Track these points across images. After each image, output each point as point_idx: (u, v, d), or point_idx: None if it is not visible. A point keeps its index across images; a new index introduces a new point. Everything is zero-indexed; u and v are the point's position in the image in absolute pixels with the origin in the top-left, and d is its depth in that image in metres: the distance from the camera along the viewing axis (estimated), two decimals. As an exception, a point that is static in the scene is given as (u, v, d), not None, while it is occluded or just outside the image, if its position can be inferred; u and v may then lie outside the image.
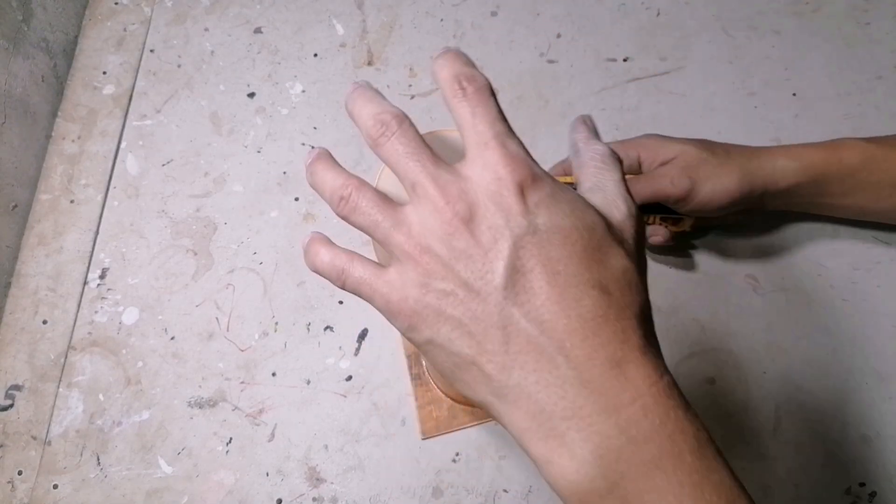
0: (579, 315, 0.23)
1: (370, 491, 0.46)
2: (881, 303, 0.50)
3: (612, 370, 0.22)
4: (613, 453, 0.22)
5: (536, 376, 0.23)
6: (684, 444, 0.22)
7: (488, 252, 0.23)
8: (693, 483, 0.22)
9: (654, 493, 0.22)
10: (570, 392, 0.22)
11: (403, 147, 0.25)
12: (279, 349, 0.50)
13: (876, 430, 0.46)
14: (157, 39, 0.62)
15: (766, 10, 0.61)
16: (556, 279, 0.23)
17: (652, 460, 0.22)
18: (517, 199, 0.23)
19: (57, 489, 0.46)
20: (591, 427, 0.22)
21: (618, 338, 0.23)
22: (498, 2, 0.63)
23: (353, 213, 0.26)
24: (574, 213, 0.24)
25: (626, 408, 0.22)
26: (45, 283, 0.53)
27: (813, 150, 0.47)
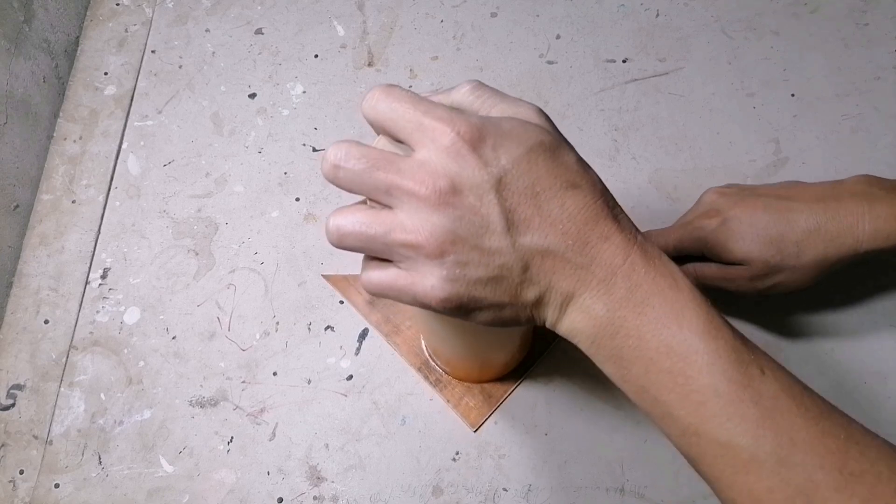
0: (569, 216, 0.28)
1: (370, 490, 0.46)
2: (880, 302, 0.50)
3: (604, 244, 0.28)
4: (617, 302, 0.28)
5: (557, 275, 0.28)
6: (664, 283, 0.28)
7: (480, 209, 0.27)
8: (675, 311, 0.28)
9: (647, 324, 0.28)
10: (583, 274, 0.28)
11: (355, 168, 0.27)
12: (280, 349, 0.50)
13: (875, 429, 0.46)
14: (158, 40, 0.62)
15: (764, 12, 0.61)
16: (539, 199, 0.27)
17: (643, 300, 0.28)
18: (477, 155, 0.26)
19: (58, 488, 0.46)
20: (601, 290, 0.28)
21: (600, 218, 0.28)
22: (498, 3, 0.63)
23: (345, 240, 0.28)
24: (521, 137, 0.27)
25: (620, 267, 0.28)
26: (46, 282, 0.53)
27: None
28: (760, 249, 0.41)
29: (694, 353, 0.27)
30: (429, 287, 0.28)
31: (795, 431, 0.27)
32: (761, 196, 0.42)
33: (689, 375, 0.27)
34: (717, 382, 0.27)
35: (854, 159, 0.55)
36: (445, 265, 0.27)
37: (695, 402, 0.27)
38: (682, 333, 0.27)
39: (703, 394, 0.27)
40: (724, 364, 0.27)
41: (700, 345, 0.27)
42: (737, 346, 0.28)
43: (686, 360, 0.27)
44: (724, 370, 0.27)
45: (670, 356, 0.27)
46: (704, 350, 0.27)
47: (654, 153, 0.56)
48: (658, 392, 0.28)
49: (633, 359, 0.28)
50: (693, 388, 0.27)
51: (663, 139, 0.56)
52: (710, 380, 0.27)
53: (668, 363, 0.28)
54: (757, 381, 0.28)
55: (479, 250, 0.27)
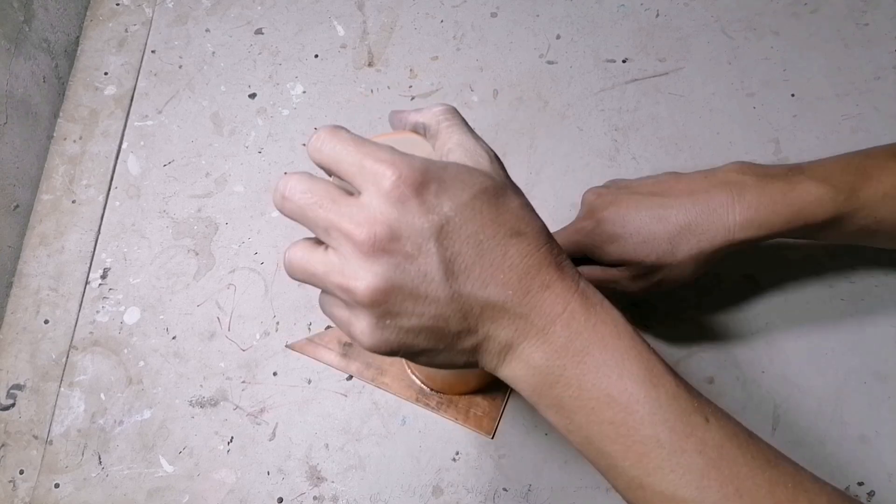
0: (511, 266, 0.27)
1: (371, 490, 0.46)
2: (880, 302, 0.50)
3: (544, 293, 0.27)
4: (556, 352, 0.27)
5: (496, 325, 0.27)
6: (605, 331, 0.28)
7: (418, 258, 0.26)
8: (616, 360, 0.27)
9: (587, 373, 0.27)
10: (521, 324, 0.27)
11: (298, 199, 0.27)
12: (280, 349, 0.50)
13: (875, 429, 0.46)
14: (158, 40, 0.62)
15: (764, 12, 0.61)
16: (481, 249, 0.27)
17: (583, 349, 0.27)
18: (419, 201, 0.26)
19: (58, 488, 0.46)
20: (539, 340, 0.27)
21: (543, 266, 0.27)
22: (498, 3, 0.63)
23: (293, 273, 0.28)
24: (465, 183, 0.27)
25: (560, 316, 0.27)
26: (46, 282, 0.53)
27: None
28: (635, 250, 0.40)
29: (635, 403, 0.27)
30: (358, 332, 0.27)
31: (741, 481, 0.27)
32: (634, 194, 0.42)
33: (631, 426, 0.27)
34: (660, 433, 0.27)
35: (854, 159, 0.55)
36: (376, 314, 0.26)
37: (638, 454, 0.27)
38: (623, 383, 0.27)
39: (645, 444, 0.27)
40: (666, 413, 0.27)
41: (641, 394, 0.27)
42: (679, 395, 0.27)
43: (627, 411, 0.27)
44: (666, 420, 0.27)
45: (611, 406, 0.27)
46: (645, 399, 0.27)
47: (654, 153, 0.56)
48: (601, 443, 0.28)
49: (574, 409, 0.28)
50: (636, 438, 0.27)
51: (663, 139, 0.56)
52: (652, 430, 0.27)
53: (610, 413, 0.27)
54: (700, 429, 0.27)
55: (415, 300, 0.26)
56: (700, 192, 0.40)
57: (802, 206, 0.39)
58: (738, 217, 0.39)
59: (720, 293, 0.50)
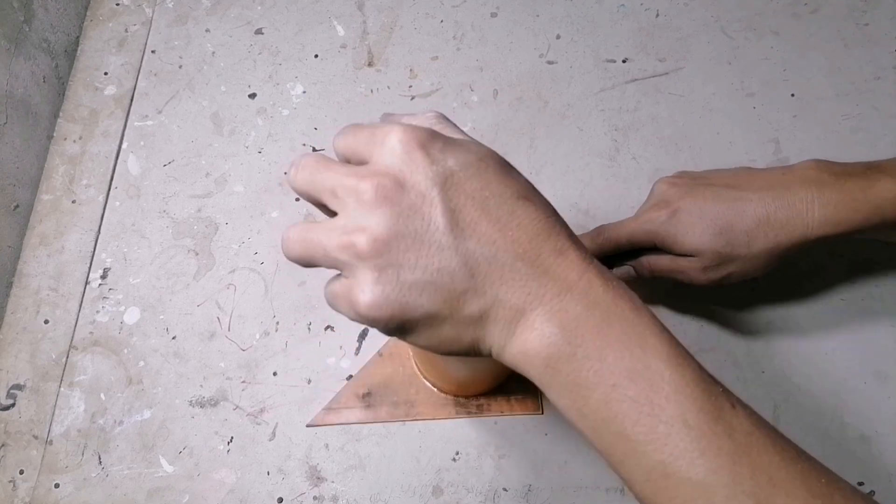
0: (519, 225, 0.26)
1: (370, 490, 0.46)
2: (880, 302, 0.50)
3: (559, 258, 0.26)
4: (573, 321, 0.26)
5: (505, 286, 0.26)
6: (625, 305, 0.26)
7: (422, 206, 0.25)
8: (637, 333, 0.26)
9: (608, 346, 0.25)
10: (534, 286, 0.26)
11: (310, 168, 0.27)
12: (280, 349, 0.50)
13: (875, 429, 0.46)
14: (158, 40, 0.62)
15: (764, 12, 0.61)
16: (487, 204, 0.26)
17: (602, 320, 0.26)
18: (424, 153, 0.26)
19: (58, 488, 0.46)
20: (553, 307, 0.26)
21: (554, 232, 0.26)
22: (497, 3, 0.63)
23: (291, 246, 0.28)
24: (472, 147, 0.27)
25: (576, 283, 0.26)
26: (46, 282, 0.53)
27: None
28: (710, 240, 0.40)
29: (660, 380, 0.25)
30: (358, 292, 0.26)
31: (774, 470, 0.25)
32: (711, 186, 0.42)
33: (657, 404, 0.25)
34: (687, 413, 0.25)
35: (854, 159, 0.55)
36: (378, 267, 0.25)
37: (662, 436, 0.25)
38: (647, 358, 0.25)
39: (671, 425, 0.25)
40: (693, 392, 0.25)
41: (666, 371, 0.25)
42: (704, 377, 0.26)
43: (652, 387, 0.25)
44: (694, 399, 0.25)
45: (635, 382, 0.25)
46: (671, 377, 0.25)
47: (654, 153, 0.56)
48: (622, 425, 0.25)
49: (592, 385, 0.25)
50: (661, 418, 0.25)
51: (663, 139, 0.56)
52: (679, 410, 0.25)
53: (633, 390, 0.25)
54: (728, 413, 0.25)
55: (418, 250, 0.25)
56: (779, 188, 0.40)
57: (881, 204, 0.39)
58: (818, 213, 0.39)
59: (720, 293, 0.50)
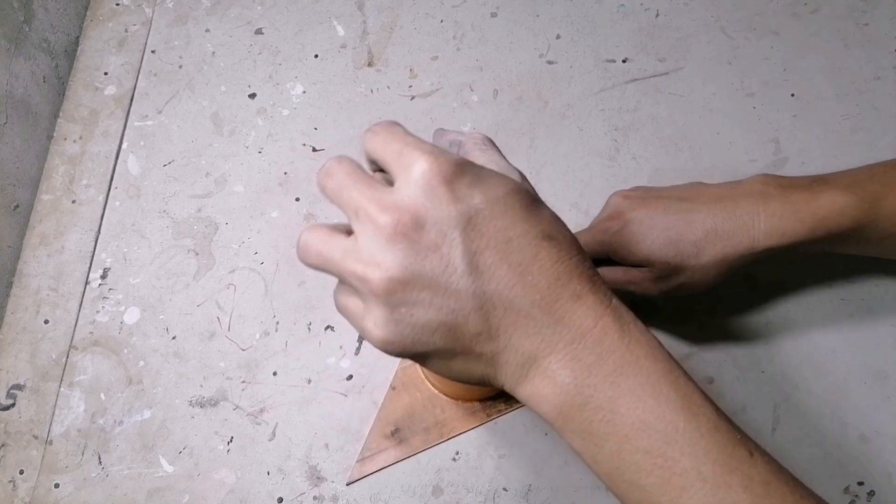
0: (540, 269, 0.25)
1: (370, 490, 0.46)
2: (880, 302, 0.50)
3: (575, 303, 0.25)
4: (585, 370, 0.25)
5: (519, 332, 0.25)
6: (640, 352, 0.26)
7: (441, 247, 0.25)
8: (651, 383, 0.25)
9: (622, 397, 0.25)
10: (548, 333, 0.25)
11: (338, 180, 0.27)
12: (280, 349, 0.50)
13: (875, 429, 0.46)
14: (158, 40, 0.62)
15: (764, 12, 0.61)
16: (509, 247, 0.25)
17: (616, 369, 0.25)
18: (449, 189, 0.25)
19: (58, 488, 0.46)
20: (568, 355, 0.25)
21: (574, 275, 0.26)
22: (497, 3, 0.63)
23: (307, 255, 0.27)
24: (500, 182, 0.26)
25: (591, 331, 0.25)
26: (46, 282, 0.53)
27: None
28: (661, 250, 0.41)
29: (674, 432, 0.25)
30: (371, 325, 0.26)
31: None
32: (662, 198, 0.42)
33: (670, 457, 0.25)
34: (701, 465, 0.24)
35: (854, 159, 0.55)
36: (391, 304, 0.25)
37: (677, 488, 0.25)
38: (660, 409, 0.25)
39: (685, 478, 0.24)
40: (708, 444, 0.25)
41: (680, 422, 0.25)
42: (720, 425, 0.25)
43: (666, 440, 0.25)
44: (708, 451, 0.25)
45: (648, 434, 0.25)
46: (685, 428, 0.25)
47: (654, 153, 0.56)
48: (635, 475, 0.25)
49: (605, 435, 0.25)
50: (675, 471, 0.25)
51: (663, 139, 0.56)
52: (693, 462, 0.24)
53: (646, 442, 0.25)
54: (745, 464, 0.25)
55: (433, 291, 0.25)
56: (727, 200, 0.41)
57: (826, 216, 0.40)
58: (763, 225, 0.40)
59: (720, 293, 0.50)
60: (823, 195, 0.40)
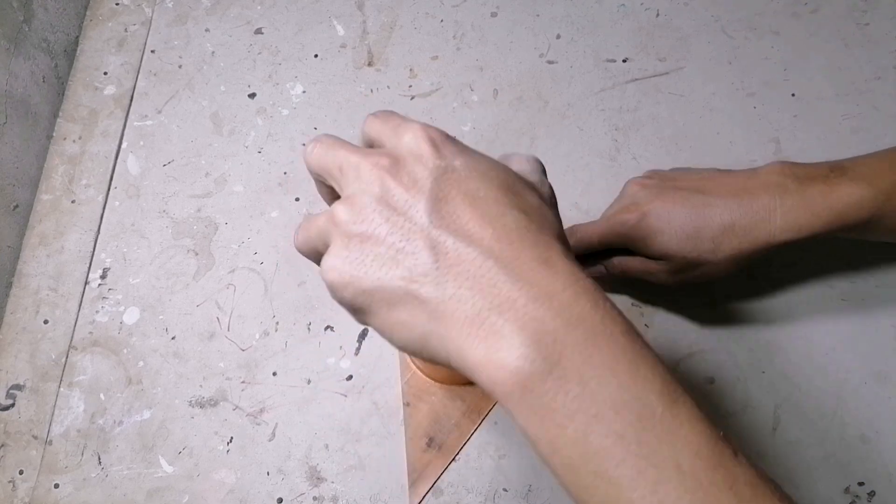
0: (504, 226, 0.24)
1: (370, 490, 0.46)
2: (880, 303, 0.50)
3: (542, 266, 0.23)
4: (550, 335, 0.22)
5: (470, 283, 0.23)
6: (615, 328, 0.23)
7: (410, 189, 0.25)
8: (628, 360, 0.22)
9: (592, 369, 0.22)
10: (504, 287, 0.23)
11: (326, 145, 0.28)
12: (280, 349, 0.50)
13: (875, 429, 0.46)
14: (157, 40, 0.62)
15: (765, 11, 0.61)
16: (476, 202, 0.24)
17: (587, 339, 0.22)
18: (433, 148, 0.25)
19: (58, 488, 0.46)
20: (527, 315, 0.22)
21: (543, 243, 0.24)
22: (498, 3, 0.63)
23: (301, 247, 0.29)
24: (487, 160, 0.26)
25: (559, 294, 0.23)
26: (46, 282, 0.53)
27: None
28: (679, 245, 0.41)
29: (651, 416, 0.22)
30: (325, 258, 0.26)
31: None
32: (680, 190, 0.42)
33: (646, 443, 0.22)
34: (681, 456, 0.22)
35: (854, 159, 0.55)
36: (348, 234, 0.25)
37: (651, 481, 0.21)
38: (637, 388, 0.22)
39: (662, 470, 0.21)
40: (689, 434, 0.22)
41: (658, 407, 0.22)
42: (702, 418, 0.23)
43: (642, 422, 0.22)
44: (690, 441, 0.22)
45: (621, 415, 0.22)
46: (663, 414, 0.22)
47: (654, 153, 0.56)
48: (603, 464, 0.22)
49: (569, 413, 0.22)
50: (651, 461, 0.21)
51: (664, 139, 0.56)
52: (672, 452, 0.22)
53: (619, 424, 0.22)
54: (729, 461, 0.22)
55: (391, 226, 0.24)
56: (744, 194, 0.41)
57: (842, 210, 0.40)
58: (780, 221, 0.40)
59: (720, 293, 0.50)
60: (840, 188, 0.40)
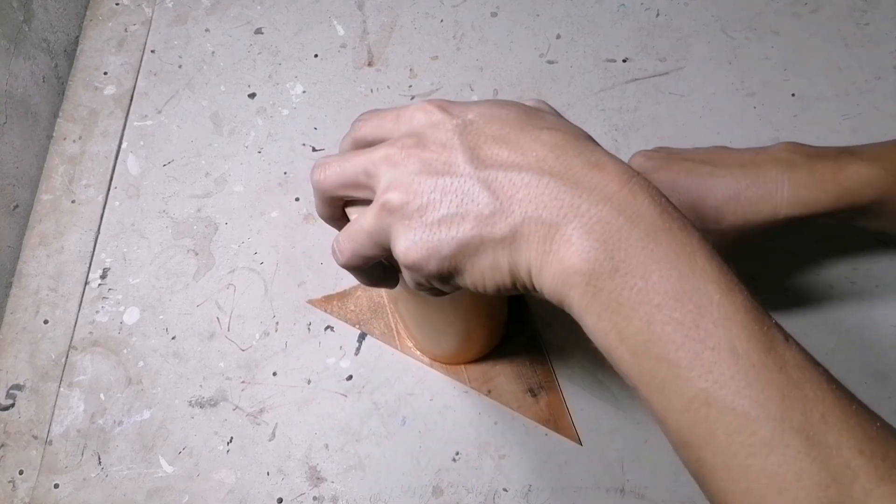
0: (543, 144, 0.25)
1: (370, 490, 0.46)
2: (880, 302, 0.50)
3: (594, 170, 0.25)
4: (614, 234, 0.24)
5: (534, 203, 0.25)
6: (673, 223, 0.24)
7: (442, 153, 0.26)
8: (687, 253, 0.24)
9: (654, 263, 0.24)
10: (566, 197, 0.24)
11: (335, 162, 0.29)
12: (280, 349, 0.50)
13: (875, 429, 0.46)
14: (157, 40, 0.62)
15: (765, 11, 0.61)
16: (507, 138, 0.26)
17: (648, 234, 0.24)
18: (443, 111, 0.27)
19: (58, 488, 0.46)
20: (592, 218, 0.24)
21: (587, 149, 0.26)
22: (498, 3, 0.63)
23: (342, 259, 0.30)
24: (496, 104, 0.28)
25: (617, 193, 0.24)
26: (46, 282, 0.53)
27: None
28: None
29: (708, 304, 0.23)
30: (395, 245, 0.27)
31: (828, 408, 0.23)
32: (686, 161, 0.42)
33: (703, 328, 0.23)
34: (736, 339, 0.23)
35: (854, 159, 0.55)
36: (407, 215, 0.26)
37: (708, 362, 0.23)
38: (695, 279, 0.23)
39: (718, 352, 0.23)
40: (744, 319, 0.23)
41: (716, 295, 0.23)
42: (756, 306, 0.24)
43: (700, 311, 0.23)
44: (745, 326, 0.23)
45: (682, 303, 0.23)
46: (720, 302, 0.23)
47: (654, 153, 0.56)
48: (664, 348, 0.23)
49: (634, 305, 0.24)
50: (708, 344, 0.23)
51: (664, 139, 0.56)
52: (727, 335, 0.23)
53: (679, 312, 0.23)
54: (781, 346, 0.24)
55: (442, 190, 0.26)
56: (751, 166, 0.40)
57: (850, 186, 0.39)
58: (787, 193, 0.39)
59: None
60: (849, 167, 0.39)
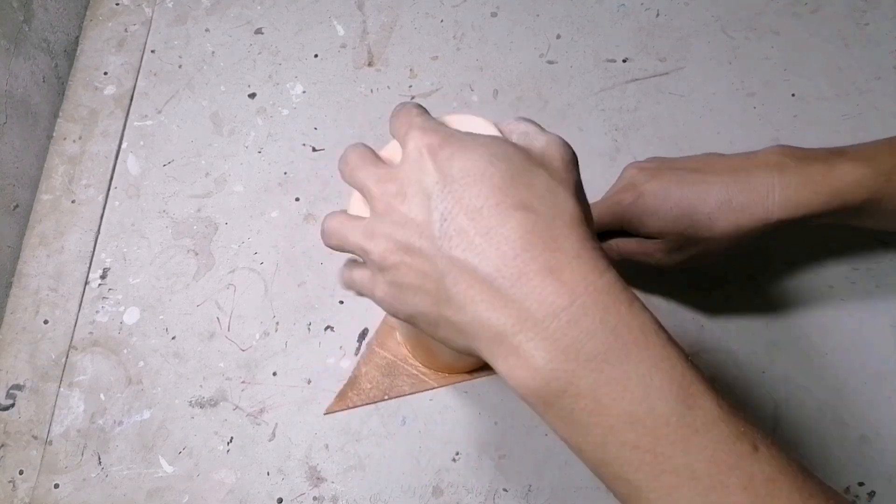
0: (505, 238, 0.24)
1: (370, 490, 0.46)
2: (880, 303, 0.50)
3: (547, 278, 0.24)
4: (561, 354, 0.23)
5: (485, 305, 0.24)
6: (629, 337, 0.23)
7: (420, 214, 0.26)
8: (640, 373, 0.23)
9: (606, 386, 0.23)
10: (514, 308, 0.24)
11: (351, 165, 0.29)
12: (280, 349, 0.50)
13: (875, 429, 0.46)
14: (157, 40, 0.62)
15: (765, 11, 0.61)
16: (478, 215, 0.25)
17: (598, 355, 0.23)
18: (431, 160, 0.26)
19: (58, 489, 0.46)
20: (539, 335, 0.23)
21: (549, 247, 0.24)
22: (498, 3, 0.63)
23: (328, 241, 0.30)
24: (486, 152, 0.26)
25: (566, 310, 0.23)
26: (46, 282, 0.53)
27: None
28: (674, 222, 0.41)
29: (664, 426, 0.23)
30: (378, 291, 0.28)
31: None
32: (677, 170, 0.42)
33: (660, 453, 0.23)
34: (695, 464, 0.22)
35: (854, 159, 0.55)
36: (385, 268, 0.27)
37: (667, 486, 0.23)
38: (650, 401, 0.23)
39: (677, 476, 0.22)
40: (703, 440, 0.23)
41: (672, 416, 0.23)
42: (721, 418, 0.23)
43: (654, 435, 0.23)
44: (703, 448, 0.23)
45: (634, 428, 0.23)
46: (677, 423, 0.23)
47: (654, 153, 0.55)
48: (621, 469, 0.23)
49: (588, 425, 0.23)
50: (665, 468, 0.23)
51: (664, 139, 0.56)
52: (685, 460, 0.22)
53: (633, 436, 0.23)
54: (747, 460, 0.23)
55: (412, 255, 0.26)
56: (741, 171, 0.40)
57: (842, 187, 0.39)
58: (778, 196, 0.39)
59: (720, 293, 0.50)
60: (840, 167, 0.39)
